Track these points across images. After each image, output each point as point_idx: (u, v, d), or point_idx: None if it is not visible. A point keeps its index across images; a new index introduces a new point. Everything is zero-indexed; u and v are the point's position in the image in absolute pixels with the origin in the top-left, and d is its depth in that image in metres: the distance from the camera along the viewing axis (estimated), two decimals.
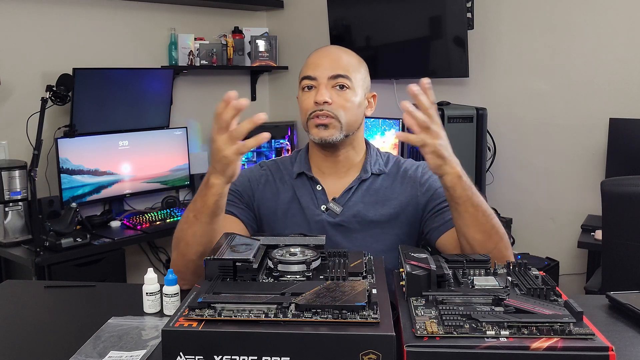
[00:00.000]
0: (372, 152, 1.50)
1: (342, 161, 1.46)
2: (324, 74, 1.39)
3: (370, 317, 0.84)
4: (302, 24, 3.98)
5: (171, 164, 3.45)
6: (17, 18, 2.95)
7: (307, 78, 1.41)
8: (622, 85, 2.86)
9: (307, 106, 1.40)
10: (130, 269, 3.20)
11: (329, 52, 1.45)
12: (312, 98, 1.39)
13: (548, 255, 3.06)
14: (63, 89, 2.80)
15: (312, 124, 1.39)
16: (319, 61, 1.41)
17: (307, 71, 1.41)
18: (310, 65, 1.42)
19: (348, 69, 1.40)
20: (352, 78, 1.40)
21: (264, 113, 1.13)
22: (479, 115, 2.79)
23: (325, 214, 1.42)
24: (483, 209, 1.22)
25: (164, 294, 1.17)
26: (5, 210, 2.76)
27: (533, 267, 1.04)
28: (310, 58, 1.45)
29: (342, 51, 1.46)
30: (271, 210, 1.46)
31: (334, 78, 1.38)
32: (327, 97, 1.36)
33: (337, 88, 1.39)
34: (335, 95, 1.38)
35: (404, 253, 1.04)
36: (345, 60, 1.42)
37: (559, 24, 3.01)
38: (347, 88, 1.39)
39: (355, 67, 1.43)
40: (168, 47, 3.56)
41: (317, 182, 1.46)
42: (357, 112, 1.42)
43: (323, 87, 1.38)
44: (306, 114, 1.40)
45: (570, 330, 0.81)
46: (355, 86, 1.41)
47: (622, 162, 2.76)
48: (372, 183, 1.44)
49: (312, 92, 1.40)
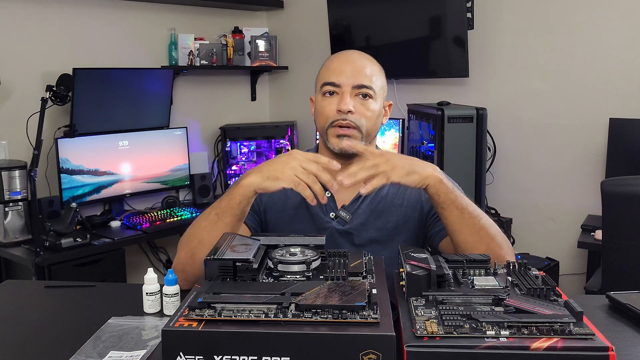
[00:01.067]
0: None
1: None
2: (348, 81, 1.37)
3: (370, 317, 0.84)
4: (302, 24, 3.98)
5: (171, 164, 3.45)
6: (17, 18, 2.95)
7: (330, 84, 1.38)
8: (622, 85, 2.86)
9: (329, 113, 1.38)
10: (130, 269, 3.20)
11: (353, 59, 1.41)
12: (334, 105, 1.37)
13: (548, 255, 3.06)
14: (63, 89, 2.80)
15: (332, 133, 1.38)
16: (343, 67, 1.39)
17: (330, 77, 1.39)
18: (334, 70, 1.39)
19: (372, 79, 1.39)
20: (375, 87, 1.39)
21: (337, 163, 1.18)
22: (479, 115, 2.79)
23: (335, 221, 1.41)
24: (469, 211, 1.22)
25: (164, 294, 1.17)
26: (5, 210, 2.76)
27: (533, 267, 1.04)
28: (333, 63, 1.42)
29: (365, 58, 1.43)
30: (278, 215, 1.45)
31: (358, 87, 1.37)
32: (351, 107, 1.35)
33: (360, 97, 1.38)
34: (358, 104, 1.37)
35: (404, 253, 1.04)
36: (369, 69, 1.40)
37: (559, 24, 3.01)
38: (370, 98, 1.38)
39: (378, 75, 1.41)
40: (168, 47, 3.56)
41: (325, 189, 1.44)
42: (377, 121, 1.42)
43: (347, 95, 1.36)
44: (327, 121, 1.39)
45: (570, 330, 0.81)
46: (377, 96, 1.40)
47: (622, 162, 2.76)
48: (381, 190, 1.43)
49: (334, 98, 1.38)
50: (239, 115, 3.99)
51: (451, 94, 3.29)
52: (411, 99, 3.41)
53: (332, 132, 1.38)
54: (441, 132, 2.74)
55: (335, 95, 1.38)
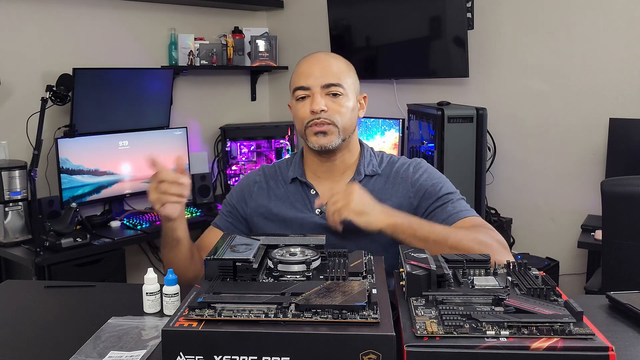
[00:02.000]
0: (365, 153, 1.50)
1: (338, 165, 1.48)
2: (317, 82, 1.41)
3: (370, 317, 0.84)
4: (302, 24, 3.98)
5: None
6: (17, 18, 2.95)
7: (300, 88, 1.43)
8: (622, 85, 2.86)
9: (303, 115, 1.42)
10: (130, 269, 3.20)
11: (319, 60, 1.45)
12: (307, 107, 1.41)
13: (548, 255, 3.06)
14: (63, 89, 2.80)
15: (310, 132, 1.42)
16: (310, 70, 1.43)
17: (300, 81, 1.43)
18: (302, 74, 1.44)
19: (339, 76, 1.42)
20: (344, 84, 1.42)
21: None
22: (479, 115, 2.79)
23: (319, 216, 1.42)
24: (434, 238, 1.26)
25: (164, 294, 1.17)
26: (5, 210, 2.76)
27: (533, 267, 1.04)
28: (300, 67, 1.47)
29: (331, 57, 1.47)
30: (264, 216, 1.48)
31: (327, 87, 1.41)
32: (323, 105, 1.39)
33: (331, 96, 1.41)
34: (330, 102, 1.41)
35: (404, 253, 1.04)
36: (336, 67, 1.44)
37: (559, 24, 3.01)
38: (341, 95, 1.42)
39: (346, 72, 1.45)
40: (168, 47, 3.56)
41: (310, 187, 1.47)
42: (351, 116, 1.44)
43: (317, 95, 1.40)
44: (303, 123, 1.43)
45: (570, 330, 0.81)
46: (348, 91, 1.43)
47: (622, 162, 2.76)
48: (365, 184, 1.44)
49: (306, 101, 1.42)
50: (239, 115, 3.99)
51: (451, 94, 3.29)
52: (411, 99, 3.41)
53: (310, 132, 1.42)
54: (441, 132, 2.75)
55: (307, 98, 1.42)
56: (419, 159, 1.52)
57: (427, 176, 1.45)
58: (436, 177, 1.46)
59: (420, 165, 1.49)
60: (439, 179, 1.46)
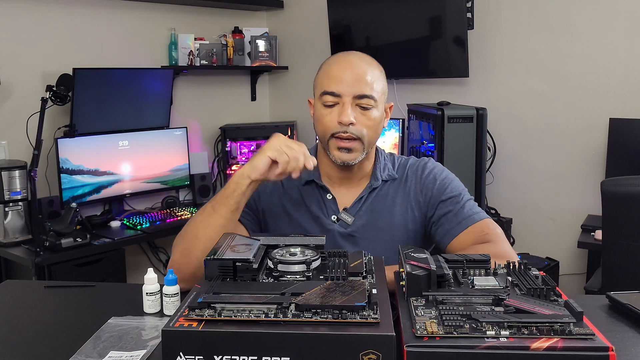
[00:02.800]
0: (381, 158, 1.47)
1: (355, 173, 1.43)
2: (349, 91, 1.32)
3: (370, 317, 0.84)
4: (302, 24, 3.98)
5: (171, 164, 3.45)
6: (17, 18, 2.95)
7: (330, 94, 1.33)
8: (622, 85, 2.86)
9: (329, 124, 1.34)
10: (130, 269, 3.20)
11: (353, 65, 1.35)
12: (334, 115, 1.33)
13: (548, 255, 3.06)
14: (63, 89, 2.80)
15: (333, 145, 1.35)
16: (342, 75, 1.33)
17: (330, 86, 1.33)
18: (333, 79, 1.33)
19: (373, 86, 1.34)
20: (376, 95, 1.34)
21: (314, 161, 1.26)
22: (479, 115, 2.79)
23: (337, 224, 1.40)
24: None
25: (164, 294, 1.17)
26: (5, 210, 2.76)
27: (533, 267, 1.04)
28: (332, 69, 1.36)
29: (365, 63, 1.37)
30: (278, 216, 1.44)
31: (359, 98, 1.32)
32: (353, 118, 1.31)
33: (360, 108, 1.33)
34: (360, 115, 1.33)
35: (404, 253, 1.04)
36: (370, 76, 1.34)
37: (559, 24, 3.01)
38: (371, 108, 1.34)
39: (379, 81, 1.36)
40: (168, 47, 3.56)
41: (327, 191, 1.42)
42: (378, 128, 1.39)
43: (348, 106, 1.31)
44: (328, 132, 1.35)
45: (570, 330, 0.81)
46: (379, 103, 1.36)
47: (622, 162, 2.76)
48: (381, 189, 1.42)
49: (334, 109, 1.33)
50: (239, 115, 3.99)
51: (451, 94, 3.29)
52: (411, 99, 3.41)
53: (333, 144, 1.35)
54: (441, 132, 2.75)
55: (335, 106, 1.34)
56: (427, 159, 1.48)
57: (431, 178, 1.42)
58: (441, 178, 1.43)
59: (426, 166, 1.45)
60: (444, 180, 1.43)
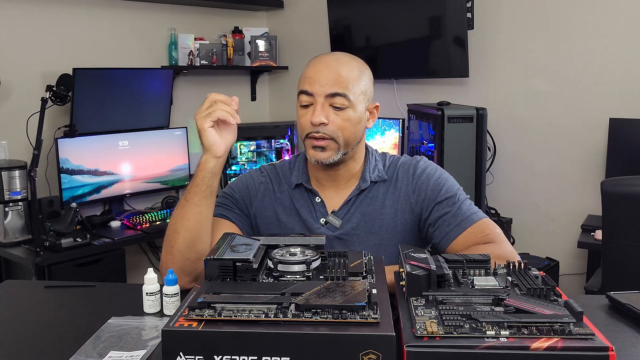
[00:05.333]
0: (371, 158, 1.44)
1: (341, 174, 1.41)
2: (321, 90, 1.30)
3: (370, 317, 0.84)
4: (302, 24, 3.98)
5: (171, 164, 3.45)
6: (17, 18, 2.95)
7: (304, 93, 1.33)
8: (622, 85, 2.86)
9: (304, 124, 1.33)
10: (130, 269, 3.20)
11: (327, 65, 1.33)
12: (308, 116, 1.32)
13: (548, 255, 3.06)
14: (63, 89, 2.80)
15: (308, 144, 1.34)
16: (316, 75, 1.32)
17: (304, 85, 1.33)
18: (308, 78, 1.33)
19: (347, 85, 1.30)
20: (351, 95, 1.31)
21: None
22: (479, 115, 2.79)
23: (325, 227, 1.39)
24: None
25: (164, 294, 1.17)
26: (5, 210, 2.76)
27: (533, 267, 1.04)
28: (308, 69, 1.35)
29: (341, 63, 1.33)
30: (269, 220, 1.43)
31: (331, 97, 1.30)
32: (323, 118, 1.30)
33: (335, 107, 1.31)
34: (333, 115, 1.31)
35: (404, 253, 1.04)
36: (345, 74, 1.31)
37: (559, 23, 3.01)
38: (345, 107, 1.31)
39: (356, 79, 1.33)
40: (168, 47, 3.56)
41: (316, 194, 1.41)
42: (355, 129, 1.35)
43: (319, 106, 1.30)
44: (304, 132, 1.35)
45: (570, 330, 0.81)
46: (355, 102, 1.32)
47: (622, 162, 2.76)
48: (370, 191, 1.40)
49: (309, 109, 1.32)
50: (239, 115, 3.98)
51: (451, 94, 3.29)
52: (411, 99, 3.41)
53: (309, 144, 1.34)
54: (441, 132, 2.75)
55: (310, 106, 1.33)
56: (419, 158, 1.44)
57: (424, 179, 1.39)
58: (434, 178, 1.39)
59: (418, 165, 1.41)
60: (438, 180, 1.39)
